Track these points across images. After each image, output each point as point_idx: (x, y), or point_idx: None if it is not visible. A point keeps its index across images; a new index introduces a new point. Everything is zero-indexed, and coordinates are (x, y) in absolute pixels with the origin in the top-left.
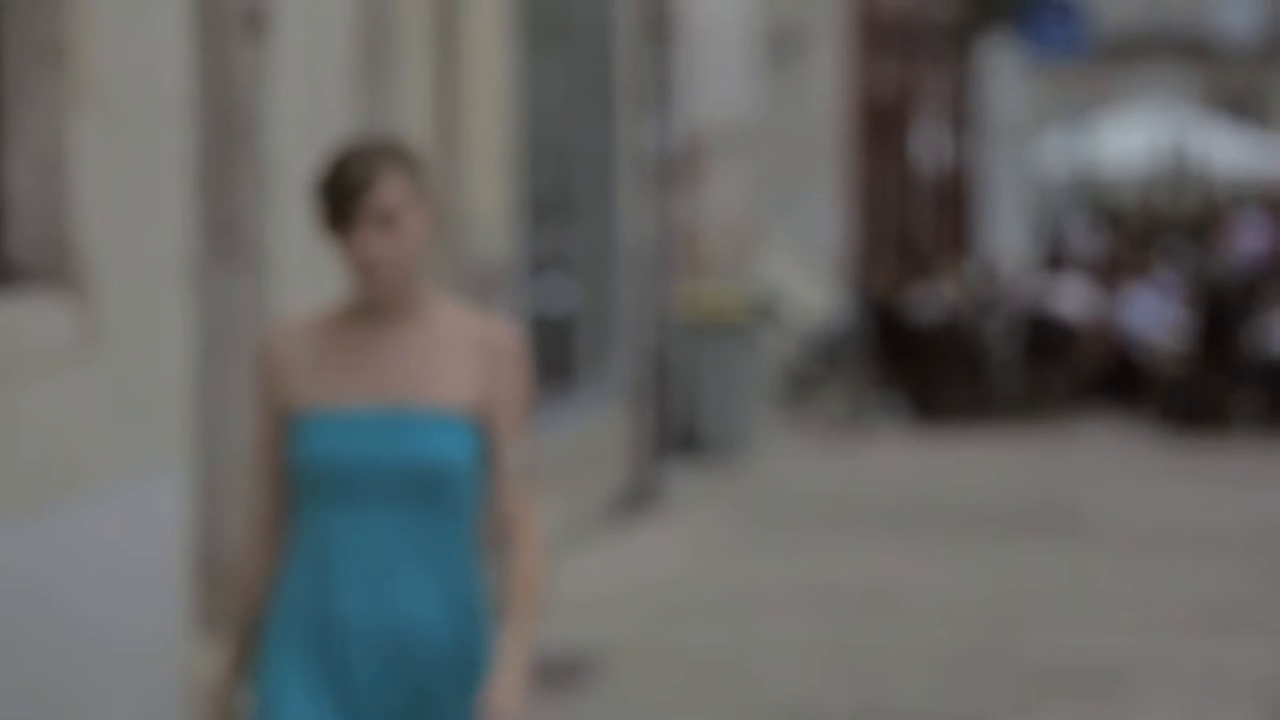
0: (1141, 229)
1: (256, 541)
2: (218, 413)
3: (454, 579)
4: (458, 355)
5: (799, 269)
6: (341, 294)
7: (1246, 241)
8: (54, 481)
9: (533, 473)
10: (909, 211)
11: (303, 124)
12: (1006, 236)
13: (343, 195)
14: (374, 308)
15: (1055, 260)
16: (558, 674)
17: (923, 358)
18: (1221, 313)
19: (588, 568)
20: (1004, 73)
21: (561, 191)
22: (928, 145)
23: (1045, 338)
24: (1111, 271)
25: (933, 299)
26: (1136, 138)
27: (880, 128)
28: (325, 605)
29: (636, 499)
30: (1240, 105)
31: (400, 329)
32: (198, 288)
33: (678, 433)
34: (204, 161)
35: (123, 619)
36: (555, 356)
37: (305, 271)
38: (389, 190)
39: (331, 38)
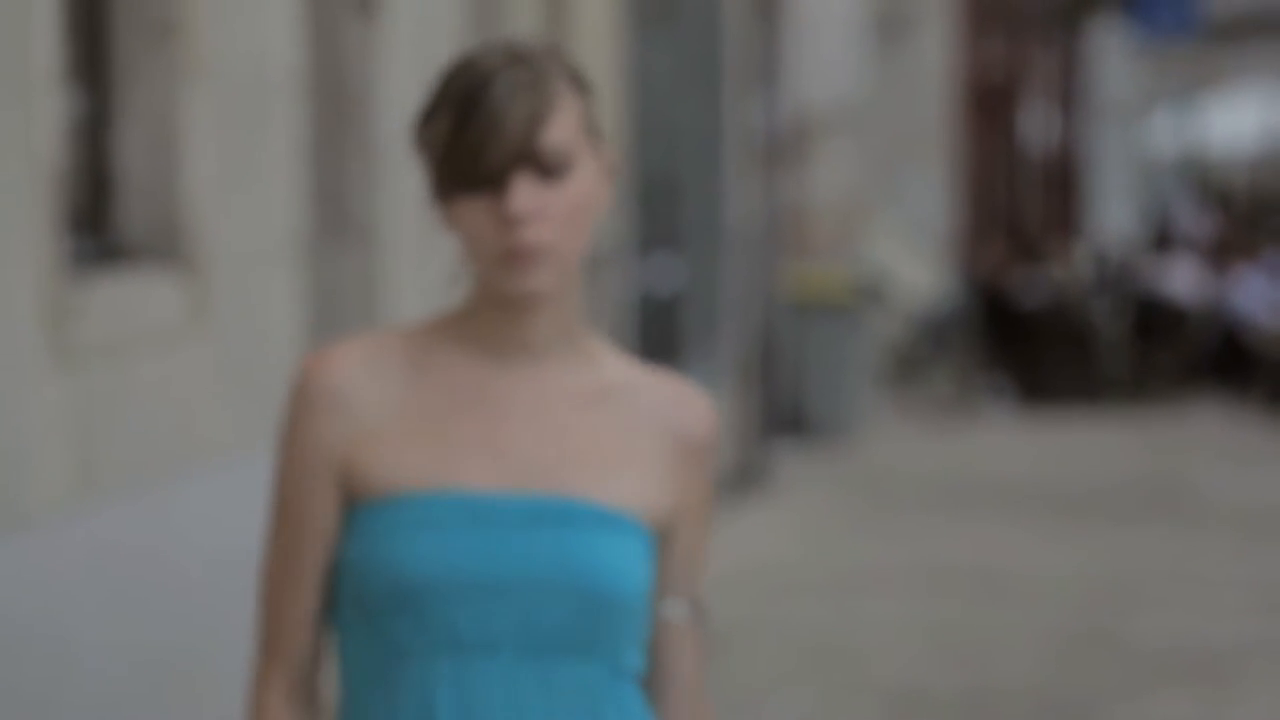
0: (1249, 209)
1: (284, 703)
2: None
3: None
4: (640, 435)
5: (906, 250)
6: (442, 305)
7: None
8: (165, 458)
9: (707, 629)
10: (1016, 192)
11: (413, 101)
12: (1114, 217)
13: (490, 135)
14: (499, 333)
15: (1163, 241)
16: None
17: (1030, 339)
18: None
19: None
20: (1112, 53)
21: (669, 171)
22: (1035, 126)
23: (1153, 319)
24: (1220, 253)
25: (1040, 280)
26: (1244, 117)
27: (988, 108)
28: None
29: (743, 479)
30: None
31: (548, 372)
32: (308, 265)
33: (784, 413)
34: (314, 138)
35: (233, 596)
36: (662, 336)
37: (415, 249)
38: (561, 126)
39: (441, 14)
